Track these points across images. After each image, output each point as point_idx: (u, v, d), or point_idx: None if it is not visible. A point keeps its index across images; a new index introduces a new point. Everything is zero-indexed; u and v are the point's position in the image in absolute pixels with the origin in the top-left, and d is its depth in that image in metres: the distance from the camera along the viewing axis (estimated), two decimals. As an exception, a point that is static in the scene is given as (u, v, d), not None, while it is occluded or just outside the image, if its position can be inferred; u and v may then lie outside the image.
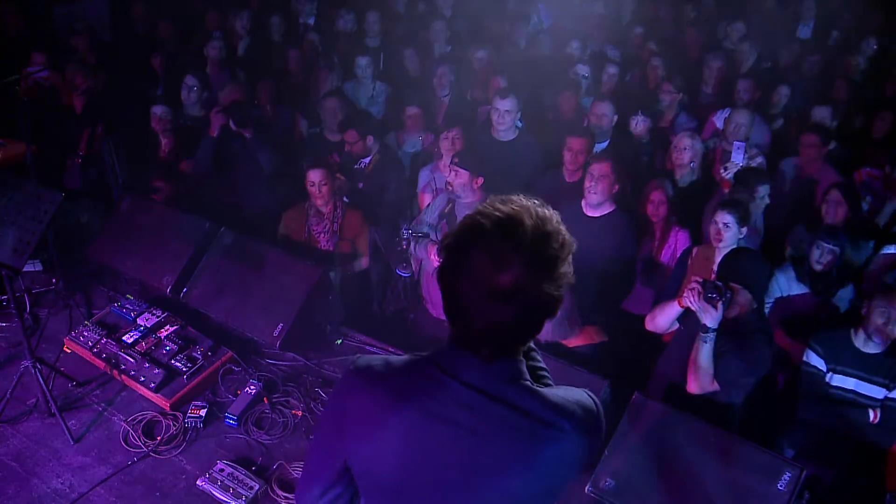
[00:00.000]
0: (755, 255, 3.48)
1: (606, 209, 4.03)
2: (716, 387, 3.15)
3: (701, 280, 3.15)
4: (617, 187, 3.98)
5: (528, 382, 1.45)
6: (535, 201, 1.38)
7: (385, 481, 1.49)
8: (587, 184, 3.96)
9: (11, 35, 6.72)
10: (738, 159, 4.61)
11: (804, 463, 2.61)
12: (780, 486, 2.50)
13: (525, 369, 1.47)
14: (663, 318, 3.43)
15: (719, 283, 3.12)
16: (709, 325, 3.11)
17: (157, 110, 5.13)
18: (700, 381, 3.15)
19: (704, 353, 3.13)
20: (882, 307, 3.22)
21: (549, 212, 1.38)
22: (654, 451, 2.70)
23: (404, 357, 1.51)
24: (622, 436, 2.76)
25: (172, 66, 6.35)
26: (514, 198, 1.38)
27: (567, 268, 1.37)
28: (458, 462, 1.43)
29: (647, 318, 3.53)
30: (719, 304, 3.09)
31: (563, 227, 1.38)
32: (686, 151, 4.65)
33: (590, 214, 4.04)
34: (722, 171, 4.49)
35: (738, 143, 4.61)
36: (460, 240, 1.36)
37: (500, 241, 1.31)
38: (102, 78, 5.73)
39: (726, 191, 4.41)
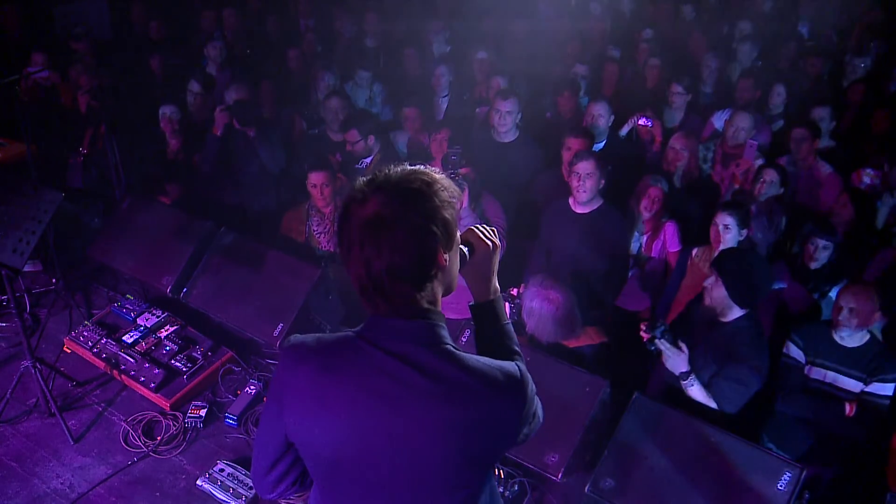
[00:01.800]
0: (745, 253, 3.48)
1: (595, 204, 4.06)
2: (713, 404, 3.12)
3: (644, 325, 3.04)
4: (603, 182, 4.01)
5: (449, 346, 1.47)
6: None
7: (321, 453, 1.53)
8: (575, 183, 3.99)
9: (11, 35, 6.73)
10: (749, 156, 4.57)
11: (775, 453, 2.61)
12: (780, 486, 2.50)
13: (445, 333, 1.49)
14: None
15: (664, 325, 3.01)
16: (682, 370, 3.04)
17: (167, 111, 5.06)
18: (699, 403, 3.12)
19: (695, 393, 3.08)
20: (842, 299, 3.23)
21: (435, 173, 1.46)
22: (654, 451, 2.70)
23: (336, 333, 1.56)
24: (622, 436, 2.75)
25: (169, 66, 6.35)
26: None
27: (441, 205, 1.43)
28: (382, 430, 1.45)
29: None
30: (682, 345, 3.01)
31: (445, 181, 1.46)
32: (683, 152, 4.66)
33: (579, 211, 4.07)
34: (734, 167, 4.47)
35: (751, 141, 4.58)
36: (343, 204, 1.47)
37: (365, 185, 1.44)
38: (105, 78, 5.74)
39: (737, 186, 4.40)
